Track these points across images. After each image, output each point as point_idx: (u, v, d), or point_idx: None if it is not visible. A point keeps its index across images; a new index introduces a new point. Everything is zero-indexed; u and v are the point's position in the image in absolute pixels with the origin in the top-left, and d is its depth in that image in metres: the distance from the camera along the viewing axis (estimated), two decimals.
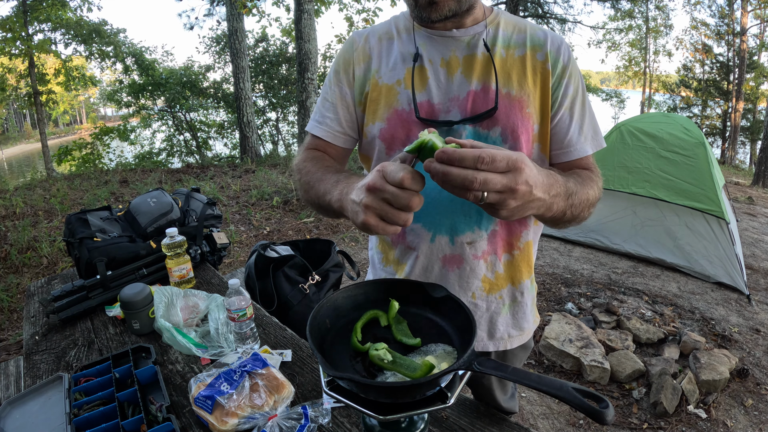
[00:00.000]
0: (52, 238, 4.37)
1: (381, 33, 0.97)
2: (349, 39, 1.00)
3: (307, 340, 1.10)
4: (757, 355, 2.65)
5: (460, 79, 0.89)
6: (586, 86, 0.96)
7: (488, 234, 0.94)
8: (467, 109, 0.88)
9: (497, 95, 0.87)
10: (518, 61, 0.89)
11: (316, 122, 1.01)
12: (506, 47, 0.90)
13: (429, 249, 0.96)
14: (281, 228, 4.84)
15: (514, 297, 1.01)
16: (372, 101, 0.94)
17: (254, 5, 7.09)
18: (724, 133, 15.51)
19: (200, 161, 10.30)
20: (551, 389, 0.53)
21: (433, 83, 0.90)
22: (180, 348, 1.14)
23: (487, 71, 0.88)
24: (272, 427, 0.87)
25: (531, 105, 0.89)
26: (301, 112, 5.33)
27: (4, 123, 31.53)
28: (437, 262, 0.96)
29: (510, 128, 0.88)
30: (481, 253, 0.95)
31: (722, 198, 3.55)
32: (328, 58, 11.72)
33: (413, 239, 0.97)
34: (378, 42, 0.96)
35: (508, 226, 0.95)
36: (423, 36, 0.92)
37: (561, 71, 0.90)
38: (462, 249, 0.94)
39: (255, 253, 1.70)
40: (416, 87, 0.90)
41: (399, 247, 1.00)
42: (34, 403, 0.97)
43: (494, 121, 0.88)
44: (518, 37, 0.91)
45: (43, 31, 10.59)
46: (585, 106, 0.94)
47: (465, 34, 0.90)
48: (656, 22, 17.04)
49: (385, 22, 0.99)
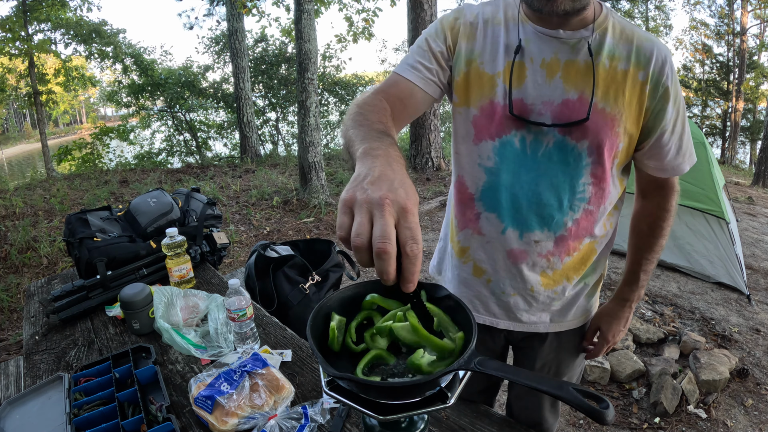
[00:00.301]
0: (52, 238, 4.36)
1: (489, 16, 0.93)
2: (458, 9, 0.95)
3: (307, 340, 1.10)
4: (757, 355, 2.65)
5: (557, 83, 0.87)
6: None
7: (557, 237, 0.95)
8: (558, 115, 0.87)
9: (590, 107, 0.85)
10: (620, 76, 0.86)
11: (407, 65, 0.92)
12: (611, 57, 0.86)
13: (498, 239, 0.97)
14: (281, 228, 4.84)
15: (575, 290, 1.03)
16: (469, 84, 0.92)
17: (254, 5, 7.09)
18: (724, 133, 15.50)
19: (200, 161, 10.29)
20: (551, 389, 0.53)
21: (530, 82, 0.88)
22: (179, 348, 1.14)
23: (586, 81, 0.86)
24: (272, 427, 0.87)
25: (622, 124, 0.87)
26: (301, 112, 5.32)
27: (4, 123, 31.53)
28: (503, 252, 0.98)
29: (597, 144, 0.87)
30: (546, 252, 0.96)
31: (722, 198, 3.54)
32: (327, 58, 11.72)
33: (485, 226, 0.98)
34: (485, 25, 0.92)
35: (576, 232, 0.95)
36: (529, 30, 0.89)
37: (663, 94, 0.87)
38: (529, 246, 0.96)
39: (255, 253, 1.70)
40: (513, 83, 0.88)
41: (466, 230, 1.02)
42: (34, 403, 0.97)
43: (584, 133, 0.87)
44: (624, 47, 0.87)
45: (42, 31, 10.58)
46: (684, 124, 0.93)
47: (571, 37, 0.86)
48: (656, 22, 17.03)
49: (493, 5, 0.94)
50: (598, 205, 0.94)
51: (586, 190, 0.92)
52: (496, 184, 0.94)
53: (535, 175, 0.91)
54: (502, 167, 0.93)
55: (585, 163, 0.89)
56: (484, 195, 0.96)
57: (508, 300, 1.02)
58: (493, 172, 0.94)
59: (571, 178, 0.90)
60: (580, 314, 1.08)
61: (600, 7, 0.89)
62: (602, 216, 0.96)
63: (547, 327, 1.06)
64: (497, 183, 0.94)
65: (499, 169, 0.93)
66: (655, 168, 0.97)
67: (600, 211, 0.95)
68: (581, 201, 0.92)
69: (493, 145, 0.92)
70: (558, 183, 0.91)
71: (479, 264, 1.02)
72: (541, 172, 0.91)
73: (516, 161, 0.91)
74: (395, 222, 0.46)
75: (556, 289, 1.01)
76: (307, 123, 5.28)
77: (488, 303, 1.05)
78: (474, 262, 1.03)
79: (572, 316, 1.06)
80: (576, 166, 0.89)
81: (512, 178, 0.93)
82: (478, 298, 1.05)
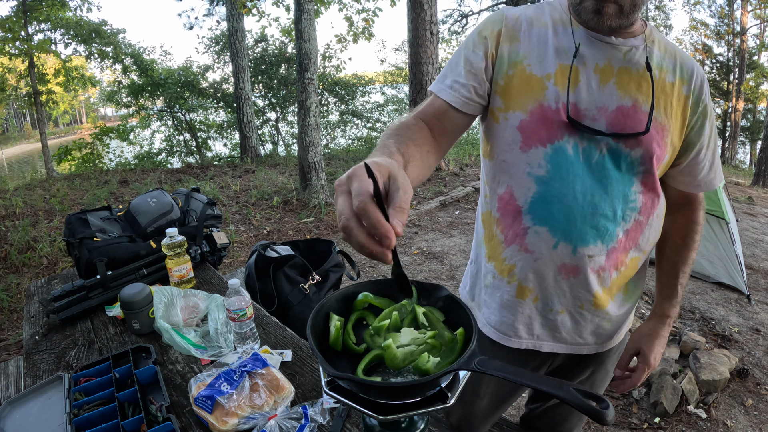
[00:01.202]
0: (52, 238, 4.36)
1: (533, 18, 0.90)
2: (498, 13, 0.92)
3: (307, 340, 1.10)
4: (757, 355, 2.65)
5: (611, 90, 0.85)
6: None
7: (608, 249, 0.90)
8: (612, 122, 0.85)
9: (650, 118, 0.84)
10: (668, 87, 0.87)
11: (445, 86, 0.90)
12: (659, 69, 0.87)
13: (549, 255, 0.90)
14: (281, 228, 4.84)
15: (615, 311, 0.99)
16: (515, 88, 0.88)
17: (254, 5, 7.09)
18: (724, 133, 15.50)
19: (200, 161, 10.30)
20: (551, 389, 0.53)
21: (583, 86, 0.85)
22: (179, 348, 1.14)
23: (640, 89, 0.85)
24: (272, 427, 0.87)
25: (670, 135, 0.87)
26: (301, 112, 5.32)
27: (4, 123, 31.53)
28: (553, 269, 0.91)
29: (650, 153, 0.86)
30: (599, 267, 0.91)
31: (722, 198, 3.54)
32: (327, 58, 11.72)
33: (533, 242, 0.91)
34: (529, 26, 0.89)
35: (625, 244, 0.92)
36: (582, 34, 0.87)
37: (703, 110, 0.89)
38: (582, 260, 0.89)
39: (255, 253, 1.70)
40: (570, 86, 0.85)
41: (513, 247, 0.94)
42: (34, 403, 0.97)
43: (638, 142, 0.85)
44: (670, 61, 0.88)
45: (42, 31, 10.58)
46: (716, 141, 0.95)
47: (623, 44, 0.86)
48: (656, 22, 17.03)
49: (537, 8, 0.92)
50: (648, 215, 0.92)
51: (637, 198, 0.89)
52: (548, 195, 0.88)
53: (590, 183, 0.87)
54: (554, 175, 0.87)
55: (637, 171, 0.88)
56: (534, 207, 0.90)
57: (555, 318, 0.96)
58: (544, 181, 0.88)
59: (624, 186, 0.88)
60: (622, 335, 1.05)
61: (645, 24, 0.90)
62: (649, 227, 0.94)
63: (590, 349, 1.01)
64: (549, 193, 0.88)
65: (551, 178, 0.87)
66: (688, 183, 0.97)
67: (648, 222, 0.93)
68: (633, 210, 0.90)
69: (545, 152, 0.87)
70: (612, 192, 0.87)
71: (525, 284, 0.95)
72: (595, 180, 0.87)
73: (569, 169, 0.87)
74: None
75: (607, 309, 0.96)
76: (307, 123, 5.28)
77: (532, 324, 0.97)
78: (519, 282, 0.95)
79: (615, 337, 1.03)
80: (629, 174, 0.88)
81: (565, 187, 0.87)
82: (522, 321, 0.98)
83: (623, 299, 0.99)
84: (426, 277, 3.75)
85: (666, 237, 1.05)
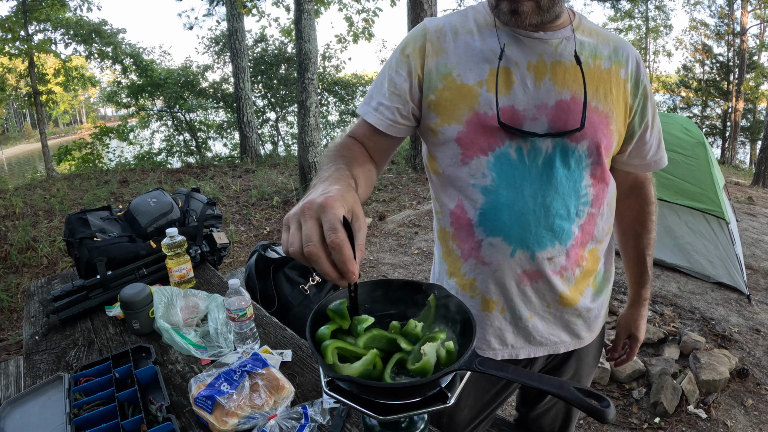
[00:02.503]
0: (52, 238, 4.36)
1: (457, 26, 0.88)
2: (420, 27, 0.90)
3: (307, 340, 1.10)
4: (757, 355, 2.65)
5: (548, 86, 0.84)
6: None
7: (567, 248, 0.89)
8: (554, 119, 0.84)
9: (585, 109, 0.83)
10: (605, 74, 0.86)
11: (371, 108, 0.90)
12: (593, 57, 0.86)
13: (507, 264, 0.89)
14: (281, 228, 4.84)
15: (587, 306, 0.98)
16: (447, 101, 0.86)
17: (254, 5, 7.08)
18: (724, 133, 15.50)
19: (200, 161, 10.30)
20: (552, 388, 0.53)
21: (519, 87, 0.84)
22: (179, 348, 1.14)
23: (575, 81, 0.84)
24: (272, 427, 0.87)
25: (614, 122, 0.88)
26: (301, 112, 5.32)
27: (4, 123, 31.52)
28: (514, 277, 0.90)
29: (596, 143, 0.86)
30: (560, 267, 0.90)
31: (722, 198, 3.54)
32: (327, 58, 11.72)
33: (489, 253, 0.89)
34: (455, 35, 0.87)
35: (581, 238, 0.91)
36: (508, 35, 0.85)
37: (643, 91, 0.90)
38: (542, 264, 0.88)
39: (255, 253, 1.70)
40: (500, 90, 0.84)
41: (470, 261, 0.92)
42: (34, 403, 0.97)
43: (582, 134, 0.84)
44: (603, 47, 0.88)
45: (42, 31, 10.58)
46: (658, 118, 0.96)
47: (552, 38, 0.85)
48: (656, 22, 17.04)
49: (460, 14, 0.91)
50: (599, 206, 0.92)
51: (588, 192, 0.89)
52: (497, 204, 0.86)
53: (540, 185, 0.85)
54: (500, 183, 0.85)
55: (586, 164, 0.87)
56: (484, 218, 0.88)
57: (526, 325, 0.94)
58: (491, 190, 0.86)
59: (574, 182, 0.87)
60: (598, 327, 1.04)
61: (573, 13, 0.90)
62: (601, 217, 0.94)
63: (567, 346, 0.99)
64: (498, 202, 0.86)
65: (498, 186, 0.86)
66: (638, 165, 0.99)
67: (600, 212, 0.93)
68: (585, 205, 0.89)
69: (487, 161, 0.86)
70: (563, 190, 0.86)
71: (488, 296, 0.93)
72: (544, 181, 0.85)
73: (516, 174, 0.85)
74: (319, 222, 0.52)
75: (577, 305, 0.95)
76: (307, 123, 5.28)
77: (504, 335, 0.95)
78: (482, 295, 0.93)
79: (594, 331, 1.02)
80: (578, 170, 0.87)
81: (514, 193, 0.85)
82: (493, 333, 0.95)
83: (593, 294, 0.98)
84: (426, 277, 3.75)
85: (626, 227, 1.08)
